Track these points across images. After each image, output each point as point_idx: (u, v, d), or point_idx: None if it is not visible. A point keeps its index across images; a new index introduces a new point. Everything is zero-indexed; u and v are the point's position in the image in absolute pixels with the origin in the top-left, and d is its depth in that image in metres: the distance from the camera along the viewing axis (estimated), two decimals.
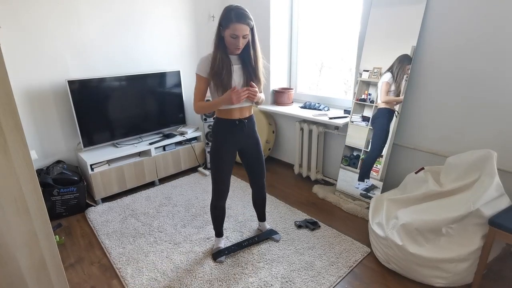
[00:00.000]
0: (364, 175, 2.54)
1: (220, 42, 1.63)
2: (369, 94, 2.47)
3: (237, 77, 1.70)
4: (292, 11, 3.14)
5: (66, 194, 2.49)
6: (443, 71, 2.08)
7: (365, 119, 2.50)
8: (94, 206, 2.65)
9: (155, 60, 3.15)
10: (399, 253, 1.76)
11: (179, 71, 3.18)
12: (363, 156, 2.55)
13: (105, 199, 2.75)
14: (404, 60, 2.20)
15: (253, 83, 1.69)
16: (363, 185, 2.56)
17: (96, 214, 2.53)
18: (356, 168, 2.59)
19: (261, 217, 2.22)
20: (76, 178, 2.54)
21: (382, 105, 2.36)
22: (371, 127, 2.44)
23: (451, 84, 2.06)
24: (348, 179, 2.65)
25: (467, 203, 1.65)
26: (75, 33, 2.62)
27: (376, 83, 2.40)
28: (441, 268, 1.67)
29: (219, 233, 2.07)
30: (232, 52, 1.66)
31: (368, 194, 2.52)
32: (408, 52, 2.17)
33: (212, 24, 3.47)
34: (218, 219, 2.01)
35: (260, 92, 1.80)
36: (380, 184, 2.44)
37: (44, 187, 2.41)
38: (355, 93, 2.53)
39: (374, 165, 2.45)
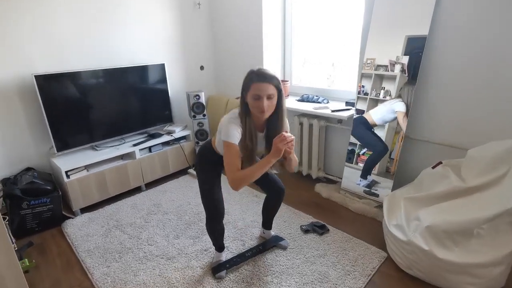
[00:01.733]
0: (367, 172, 2.37)
1: (246, 111, 1.42)
2: (363, 86, 2.33)
3: (259, 145, 1.51)
4: None
5: (38, 206, 2.16)
6: (457, 57, 1.90)
7: (359, 112, 2.37)
8: (72, 218, 2.33)
9: (136, 52, 2.83)
10: (424, 259, 1.58)
11: (163, 64, 2.87)
12: (358, 151, 2.40)
13: (84, 210, 2.43)
14: (412, 86, 2.06)
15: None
16: (365, 181, 2.39)
17: (75, 228, 2.22)
18: (352, 163, 2.43)
19: (268, 224, 1.99)
20: (49, 187, 2.22)
21: (365, 117, 2.32)
22: (352, 135, 2.41)
23: (466, 72, 1.88)
24: (347, 175, 2.48)
25: (500, 200, 1.48)
26: (43, 21, 2.27)
27: (369, 75, 2.27)
28: (473, 273, 1.49)
29: (220, 247, 1.82)
30: (257, 119, 1.45)
31: (372, 190, 2.35)
32: (418, 35, 1.98)
33: (198, 12, 3.19)
34: (217, 236, 1.78)
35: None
36: (380, 179, 2.30)
37: (11, 199, 2.08)
38: (360, 85, 2.34)
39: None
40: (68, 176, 2.30)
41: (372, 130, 2.30)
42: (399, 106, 2.15)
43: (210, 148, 1.65)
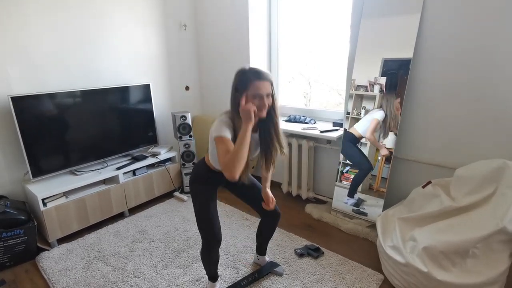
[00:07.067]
0: (353, 191, 2.39)
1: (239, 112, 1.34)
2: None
3: (253, 146, 1.47)
4: (270, 20, 2.96)
5: (10, 238, 1.97)
6: (442, 80, 1.99)
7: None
8: (48, 250, 2.15)
9: (120, 72, 2.75)
10: (424, 281, 1.57)
11: (148, 85, 2.81)
12: (342, 169, 2.43)
13: (62, 240, 2.25)
14: (390, 96, 2.15)
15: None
16: (352, 200, 2.41)
17: (51, 261, 2.04)
18: (336, 181, 2.47)
19: (262, 250, 1.93)
20: (23, 217, 2.04)
21: (351, 131, 2.35)
22: (342, 154, 2.42)
23: (451, 93, 1.98)
24: (336, 195, 2.48)
25: (491, 219, 1.52)
26: (20, 40, 2.16)
27: (350, 95, 2.35)
28: None
29: (213, 276, 1.72)
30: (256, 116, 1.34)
31: (360, 209, 2.36)
32: (407, 59, 2.07)
33: (184, 33, 3.18)
34: (212, 265, 1.68)
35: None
36: (365, 197, 2.34)
37: None
38: (350, 106, 2.39)
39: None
40: (45, 204, 2.13)
41: (358, 146, 2.34)
42: (378, 114, 2.21)
43: (204, 165, 1.57)
